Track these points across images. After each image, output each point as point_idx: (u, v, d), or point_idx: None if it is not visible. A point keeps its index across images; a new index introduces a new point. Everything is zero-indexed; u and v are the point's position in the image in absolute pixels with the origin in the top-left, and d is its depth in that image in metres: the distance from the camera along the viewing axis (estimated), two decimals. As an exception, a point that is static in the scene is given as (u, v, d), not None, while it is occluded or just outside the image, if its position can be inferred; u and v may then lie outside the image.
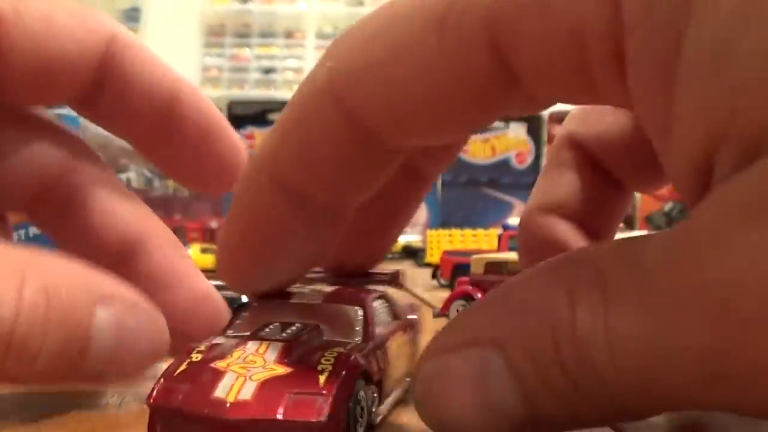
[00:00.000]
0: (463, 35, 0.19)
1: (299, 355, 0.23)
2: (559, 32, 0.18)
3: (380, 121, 0.22)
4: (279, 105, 1.63)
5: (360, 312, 0.27)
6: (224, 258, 0.27)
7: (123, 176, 1.09)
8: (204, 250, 1.11)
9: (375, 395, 0.25)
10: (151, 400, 0.22)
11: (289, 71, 3.67)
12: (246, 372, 0.22)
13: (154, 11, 3.46)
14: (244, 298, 0.43)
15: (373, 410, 0.24)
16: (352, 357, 0.23)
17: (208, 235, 1.20)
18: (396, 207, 0.30)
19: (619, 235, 0.36)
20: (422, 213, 1.68)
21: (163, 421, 0.22)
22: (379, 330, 0.27)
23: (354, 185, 0.25)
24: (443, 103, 0.21)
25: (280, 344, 0.24)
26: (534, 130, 1.76)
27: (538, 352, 0.21)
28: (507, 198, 1.73)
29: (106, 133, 0.35)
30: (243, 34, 3.74)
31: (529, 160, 1.75)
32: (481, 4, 0.19)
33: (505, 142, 1.74)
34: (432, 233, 1.27)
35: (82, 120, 0.35)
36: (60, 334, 0.22)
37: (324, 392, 0.21)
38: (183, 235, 1.25)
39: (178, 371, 0.23)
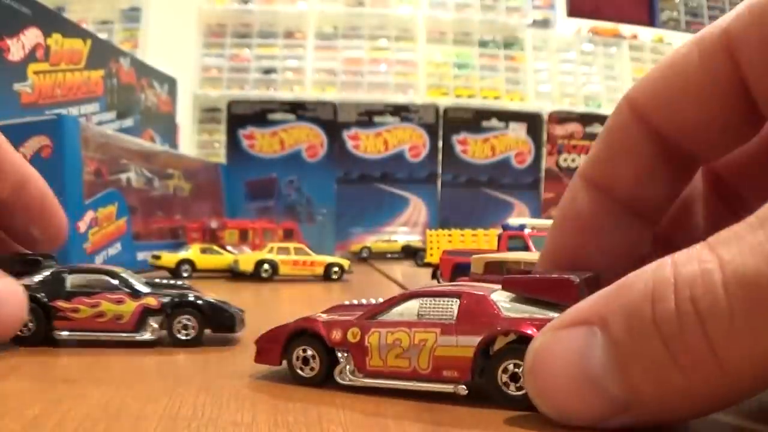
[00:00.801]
0: (709, 44, 0.25)
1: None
2: None
3: (670, 129, 0.27)
4: (279, 105, 1.63)
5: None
6: (546, 246, 0.33)
7: (123, 176, 1.09)
8: (204, 250, 1.11)
9: (343, 355, 0.32)
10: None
11: (289, 71, 3.66)
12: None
13: (154, 11, 3.45)
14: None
15: (344, 370, 0.32)
16: (305, 323, 0.34)
17: (208, 235, 1.20)
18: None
19: None
20: (422, 213, 1.68)
21: None
22: (402, 319, 0.31)
23: (650, 186, 0.29)
24: (708, 109, 0.26)
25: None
26: (533, 130, 1.76)
27: (635, 320, 0.22)
28: (507, 198, 1.73)
29: (106, 132, 0.43)
30: (243, 34, 3.73)
31: (529, 160, 1.75)
32: (719, 25, 0.25)
33: (505, 142, 1.74)
34: (432, 233, 1.27)
35: (82, 120, 0.42)
36: None
37: (277, 337, 0.35)
38: (183, 235, 1.25)
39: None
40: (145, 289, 0.45)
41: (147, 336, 0.44)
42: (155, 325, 0.44)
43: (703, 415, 0.23)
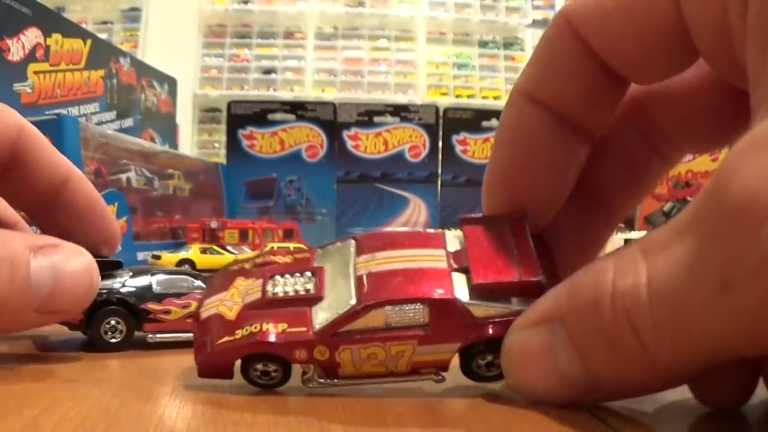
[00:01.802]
0: None
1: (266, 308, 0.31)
2: None
3: (603, 46, 0.27)
4: (279, 105, 1.63)
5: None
6: (491, 169, 0.32)
7: (123, 176, 1.09)
8: (204, 250, 1.11)
9: (310, 366, 0.29)
10: None
11: (289, 71, 3.66)
12: (222, 303, 0.31)
13: (154, 11, 3.46)
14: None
15: (312, 378, 0.29)
16: (257, 346, 0.29)
17: (208, 235, 1.20)
18: (590, 234, 0.35)
19: (618, 236, 0.36)
20: (422, 213, 1.68)
21: None
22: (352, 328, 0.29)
23: (590, 103, 0.29)
24: (644, 34, 0.26)
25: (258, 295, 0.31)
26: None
27: (585, 321, 0.24)
28: (507, 198, 1.73)
29: (106, 132, 0.41)
30: (243, 34, 3.73)
31: (529, 160, 1.75)
32: None
33: (505, 142, 1.73)
34: (432, 233, 1.27)
35: (82, 120, 0.40)
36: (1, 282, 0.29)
37: (227, 356, 0.30)
38: (183, 235, 1.25)
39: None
40: None
41: None
42: None
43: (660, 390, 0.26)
